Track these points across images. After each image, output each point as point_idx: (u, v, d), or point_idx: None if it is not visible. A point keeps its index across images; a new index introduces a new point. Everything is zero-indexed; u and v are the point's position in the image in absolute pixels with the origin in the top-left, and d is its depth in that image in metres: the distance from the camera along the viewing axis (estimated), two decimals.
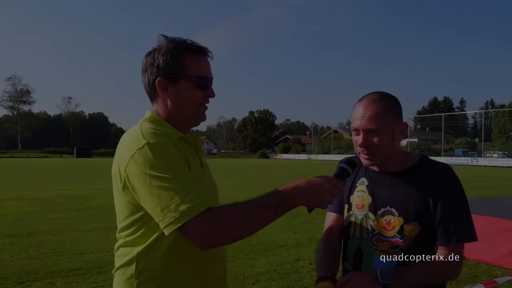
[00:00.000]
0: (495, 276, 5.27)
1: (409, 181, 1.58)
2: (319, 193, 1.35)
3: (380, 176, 1.64)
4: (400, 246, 1.54)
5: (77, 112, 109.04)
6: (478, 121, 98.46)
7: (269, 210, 1.30)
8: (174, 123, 1.46)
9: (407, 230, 1.54)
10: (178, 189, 1.26)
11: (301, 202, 1.34)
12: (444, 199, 1.52)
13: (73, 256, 6.04)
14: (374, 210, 1.60)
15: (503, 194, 13.97)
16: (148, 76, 1.45)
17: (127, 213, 1.39)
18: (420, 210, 1.53)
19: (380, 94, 1.59)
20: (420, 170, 1.59)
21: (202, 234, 1.25)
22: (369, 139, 1.54)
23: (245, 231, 1.30)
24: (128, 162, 1.32)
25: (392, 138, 1.56)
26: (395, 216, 1.56)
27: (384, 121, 1.53)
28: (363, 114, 1.55)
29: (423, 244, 1.53)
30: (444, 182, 1.55)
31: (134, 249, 1.38)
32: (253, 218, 1.30)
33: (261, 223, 1.31)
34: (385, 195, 1.60)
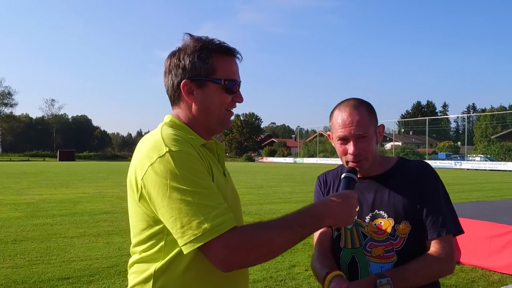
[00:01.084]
0: (492, 281, 5.26)
1: (392, 182, 1.58)
2: (348, 210, 1.30)
3: (362, 181, 1.61)
4: (395, 248, 1.52)
5: (60, 115, 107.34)
6: (461, 125, 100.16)
7: (297, 231, 1.21)
8: (197, 129, 1.35)
9: (399, 230, 1.52)
10: (202, 204, 1.15)
11: (331, 222, 1.29)
12: (428, 194, 1.53)
13: (62, 264, 5.84)
14: (363, 216, 1.58)
15: (488, 198, 14.15)
16: (172, 78, 1.34)
17: (144, 226, 1.27)
18: (408, 208, 1.52)
19: (358, 100, 1.60)
20: (400, 170, 1.60)
21: (225, 256, 1.14)
22: (359, 145, 1.53)
23: (271, 253, 1.21)
24: (147, 170, 1.20)
25: (376, 141, 1.58)
26: (385, 218, 1.54)
27: (370, 124, 1.55)
28: (350, 120, 1.53)
29: (417, 243, 1.52)
30: (425, 177, 1.56)
31: (151, 265, 1.26)
32: (280, 240, 1.20)
33: (288, 245, 1.22)
34: (371, 199, 1.59)
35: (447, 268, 1.50)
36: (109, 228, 8.28)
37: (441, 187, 1.57)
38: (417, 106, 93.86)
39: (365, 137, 1.53)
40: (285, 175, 28.46)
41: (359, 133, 1.52)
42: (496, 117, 73.34)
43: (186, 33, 1.36)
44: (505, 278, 5.32)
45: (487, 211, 7.10)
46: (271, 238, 1.18)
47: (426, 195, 1.53)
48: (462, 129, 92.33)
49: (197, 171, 1.20)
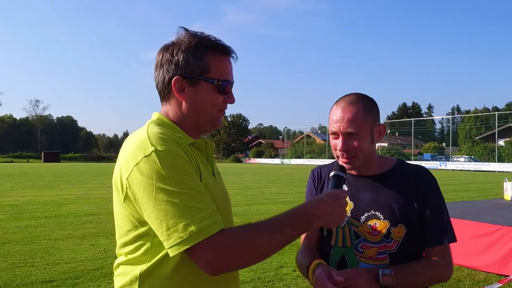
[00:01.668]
0: (478, 280, 5.31)
1: (390, 184, 1.55)
2: (338, 211, 1.28)
3: (360, 180, 1.59)
4: (388, 251, 1.50)
5: (45, 116, 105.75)
6: (445, 126, 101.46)
7: (286, 233, 1.19)
8: (186, 128, 1.31)
9: (394, 233, 1.50)
10: (188, 206, 1.12)
11: (321, 223, 1.26)
12: (431, 201, 1.51)
13: (46, 267, 5.73)
14: (358, 216, 1.55)
15: (473, 198, 14.33)
16: (163, 73, 1.29)
17: (129, 227, 1.23)
18: (405, 211, 1.50)
19: (358, 96, 1.55)
20: (399, 172, 1.57)
21: (212, 259, 1.11)
22: (348, 142, 1.50)
23: (260, 256, 1.18)
24: (132, 170, 1.16)
25: (371, 140, 1.54)
26: (381, 219, 1.51)
27: (363, 123, 1.50)
28: (341, 117, 1.50)
29: (410, 247, 1.50)
30: (426, 183, 1.54)
31: (137, 267, 1.22)
32: (268, 243, 1.17)
33: (277, 248, 1.19)
34: (368, 198, 1.55)
35: (446, 275, 1.51)
36: (94, 230, 8.17)
37: (441, 194, 1.56)
38: (403, 108, 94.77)
39: (356, 135, 1.50)
40: (273, 176, 28.46)
41: (348, 130, 1.49)
42: (480, 118, 74.46)
43: (181, 27, 1.32)
44: (490, 277, 5.37)
45: (472, 211, 7.18)
46: (260, 241, 1.15)
47: (428, 202, 1.51)
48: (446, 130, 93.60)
49: (184, 171, 1.16)
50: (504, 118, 64.42)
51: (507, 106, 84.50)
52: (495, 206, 7.94)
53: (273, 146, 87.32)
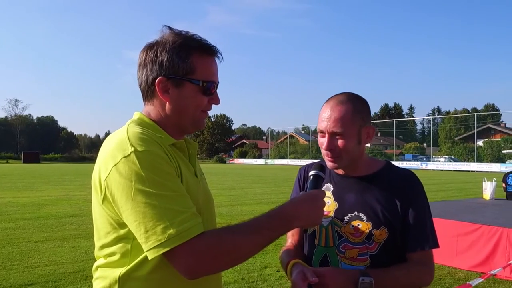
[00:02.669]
0: (458, 278, 5.40)
1: (376, 186, 1.54)
2: (316, 211, 1.27)
3: (346, 180, 1.59)
4: (370, 252, 1.50)
5: (25, 116, 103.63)
6: (426, 127, 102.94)
7: (265, 234, 1.18)
8: (168, 128, 1.29)
9: (376, 235, 1.49)
10: (168, 208, 1.10)
11: (299, 223, 1.26)
12: (415, 206, 1.50)
13: (25, 269, 5.61)
14: (341, 216, 1.54)
15: (453, 197, 14.58)
16: (146, 73, 1.27)
17: (108, 229, 1.21)
18: (388, 214, 1.49)
19: (349, 96, 1.54)
20: (386, 175, 1.56)
21: (191, 263, 1.10)
22: (333, 142, 1.50)
23: (239, 259, 1.17)
24: (111, 171, 1.14)
25: (358, 141, 1.52)
26: (364, 221, 1.51)
27: (350, 124, 1.49)
28: (329, 116, 1.50)
29: (391, 250, 1.50)
30: (412, 188, 1.53)
31: (116, 270, 1.20)
32: (248, 245, 1.16)
33: (256, 249, 1.19)
34: (352, 199, 1.54)
35: (426, 281, 1.51)
36: (75, 232, 8.03)
37: (426, 200, 1.55)
38: (385, 108, 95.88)
39: (341, 135, 1.49)
40: (256, 177, 28.47)
41: (334, 130, 1.49)
42: (459, 119, 75.85)
43: (165, 26, 1.29)
44: (470, 275, 5.47)
45: (452, 210, 7.30)
46: (239, 243, 1.15)
47: (412, 207, 1.50)
48: (427, 131, 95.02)
49: (164, 172, 1.14)
50: (483, 119, 65.80)
51: (485, 107, 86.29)
52: (474, 205, 8.10)
53: (256, 146, 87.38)
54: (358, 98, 1.56)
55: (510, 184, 9.08)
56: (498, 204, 8.18)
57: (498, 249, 5.48)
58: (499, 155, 46.45)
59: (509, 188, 9.09)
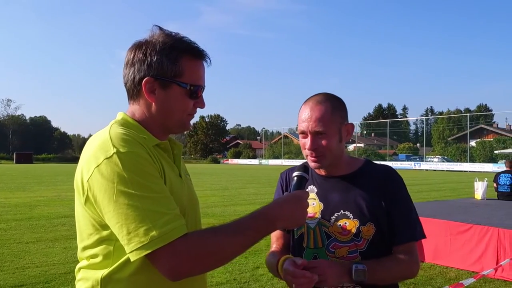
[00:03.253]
0: (449, 278, 5.43)
1: (359, 183, 1.57)
2: (299, 212, 1.27)
3: (329, 180, 1.61)
4: (359, 249, 1.52)
5: (17, 116, 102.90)
6: (419, 127, 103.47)
7: (249, 235, 1.18)
8: (152, 129, 1.28)
9: (363, 232, 1.52)
10: (150, 210, 1.09)
11: (283, 224, 1.26)
12: (398, 199, 1.55)
13: (15, 271, 5.57)
14: (328, 216, 1.56)
15: (446, 197, 14.65)
16: (134, 72, 1.26)
17: (91, 231, 1.20)
18: (374, 210, 1.52)
19: (326, 95, 1.57)
20: (367, 172, 1.59)
21: (174, 265, 1.10)
22: (316, 141, 1.51)
23: (222, 260, 1.17)
24: (93, 172, 1.13)
25: (339, 139, 1.55)
26: (351, 219, 1.53)
27: (331, 122, 1.51)
28: (310, 116, 1.51)
29: (380, 245, 1.53)
30: (393, 182, 1.57)
31: (98, 272, 1.19)
32: (231, 246, 1.16)
33: (240, 251, 1.18)
34: (337, 199, 1.57)
35: (413, 272, 1.55)
36: (67, 233, 7.97)
37: (408, 193, 1.59)
38: (378, 109, 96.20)
39: (323, 134, 1.51)
40: (250, 177, 28.46)
41: (316, 129, 1.50)
42: (452, 119, 76.32)
43: (156, 25, 1.29)
44: (461, 275, 5.50)
45: (444, 210, 7.35)
46: (222, 245, 1.14)
47: (396, 200, 1.54)
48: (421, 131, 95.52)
49: (147, 174, 1.13)
50: (476, 120, 66.26)
51: (478, 108, 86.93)
52: (466, 205, 8.15)
53: (251, 146, 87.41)
54: (334, 97, 1.58)
55: (501, 184, 9.15)
56: (489, 204, 8.25)
57: (489, 249, 5.52)
58: (491, 155, 46.75)
59: (500, 188, 9.17)
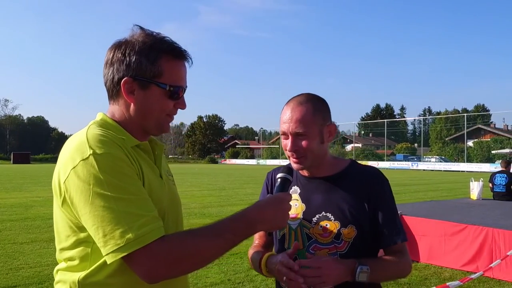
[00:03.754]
0: (444, 278, 5.43)
1: (342, 185, 1.55)
2: (280, 215, 1.26)
3: (312, 181, 1.59)
4: (339, 252, 1.51)
5: (15, 116, 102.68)
6: (417, 127, 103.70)
7: (227, 238, 1.17)
8: (132, 129, 1.27)
9: (344, 234, 1.50)
10: (127, 212, 1.08)
11: (263, 227, 1.25)
12: (383, 202, 1.53)
13: (9, 271, 5.55)
14: (310, 218, 1.55)
15: (442, 197, 14.67)
16: (113, 72, 1.24)
17: (69, 233, 1.19)
18: (355, 213, 1.51)
19: (307, 96, 1.55)
20: (351, 174, 1.57)
21: (150, 268, 1.09)
22: (297, 142, 1.50)
23: (200, 263, 1.16)
24: (69, 174, 1.12)
25: (321, 140, 1.53)
26: (331, 221, 1.52)
27: (312, 123, 1.50)
28: (290, 117, 1.50)
29: (360, 248, 1.51)
30: (378, 185, 1.55)
31: (76, 274, 1.18)
32: (209, 249, 1.15)
33: (219, 253, 1.18)
34: (319, 200, 1.55)
35: (407, 271, 1.57)
36: None
37: (392, 195, 1.58)
38: (376, 109, 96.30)
39: (304, 135, 1.49)
40: (248, 177, 28.43)
41: (297, 130, 1.49)
42: (450, 120, 76.43)
43: (136, 25, 1.27)
44: (456, 274, 5.50)
45: (440, 210, 7.36)
46: (200, 247, 1.13)
47: (381, 203, 1.52)
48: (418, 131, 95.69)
49: (124, 175, 1.12)
50: (473, 120, 66.37)
51: (475, 108, 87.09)
52: (461, 205, 8.15)
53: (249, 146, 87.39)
54: (316, 97, 1.57)
55: (496, 184, 9.16)
56: (485, 204, 8.25)
57: (484, 249, 5.52)
58: (488, 155, 46.85)
59: (496, 188, 9.17)
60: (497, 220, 6.27)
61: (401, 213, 6.38)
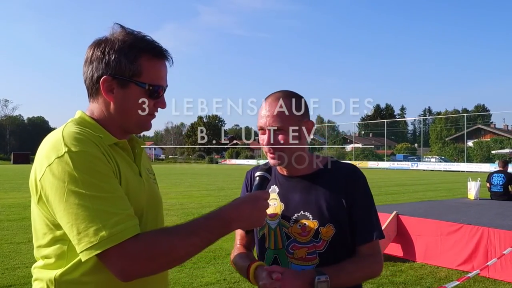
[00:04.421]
0: (439, 278, 5.43)
1: (320, 183, 1.54)
2: (256, 213, 1.26)
3: (290, 180, 1.58)
4: (318, 251, 1.50)
5: (15, 116, 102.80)
6: (417, 128, 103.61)
7: (203, 236, 1.17)
8: (111, 128, 1.27)
9: (322, 232, 1.50)
10: (101, 210, 1.09)
11: (239, 226, 1.26)
12: (359, 200, 1.53)
13: (5, 271, 5.55)
14: (288, 217, 1.54)
15: (441, 197, 14.67)
16: (92, 70, 1.25)
17: (45, 230, 1.20)
18: (334, 211, 1.50)
19: (285, 93, 1.55)
20: (329, 172, 1.57)
21: (124, 266, 1.09)
22: (273, 137, 1.49)
23: (175, 261, 1.16)
24: (44, 172, 1.13)
25: (298, 137, 1.51)
26: (310, 219, 1.51)
27: (289, 119, 1.49)
28: (267, 112, 1.50)
29: (339, 246, 1.50)
30: (355, 181, 1.54)
31: (52, 272, 1.18)
32: (184, 247, 1.15)
33: (193, 252, 1.18)
34: (297, 199, 1.54)
35: (376, 272, 1.55)
36: None
37: (369, 192, 1.57)
38: (376, 109, 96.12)
39: (281, 130, 1.48)
40: None
41: (274, 125, 1.48)
42: (450, 120, 76.44)
43: (117, 23, 1.27)
44: (451, 274, 5.50)
45: (436, 210, 7.36)
46: (174, 246, 1.13)
47: (357, 201, 1.52)
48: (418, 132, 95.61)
49: (99, 173, 1.12)
50: (473, 120, 66.35)
51: (476, 108, 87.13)
52: (458, 205, 8.16)
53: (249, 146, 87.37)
54: (294, 94, 1.55)
55: (494, 184, 9.16)
56: (482, 204, 8.26)
57: (479, 248, 5.52)
58: (488, 155, 46.83)
59: (493, 188, 9.17)
60: (493, 219, 6.28)
61: (397, 212, 6.39)
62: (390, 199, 14.01)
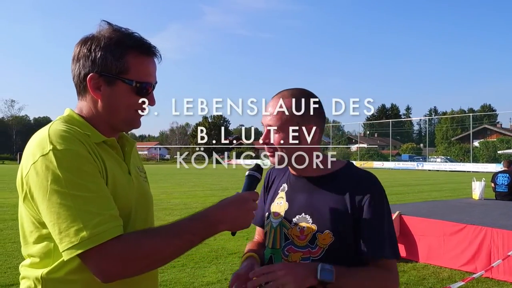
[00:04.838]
0: (442, 278, 5.39)
1: (328, 187, 1.45)
2: (243, 215, 1.23)
3: (299, 181, 1.51)
4: (312, 258, 1.40)
5: (21, 116, 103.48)
6: (423, 128, 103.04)
7: (186, 238, 1.15)
8: (99, 125, 1.26)
9: (319, 239, 1.40)
10: (83, 210, 1.08)
11: (225, 227, 1.22)
12: (370, 210, 1.38)
13: (7, 270, 5.58)
14: (290, 218, 1.47)
15: (446, 197, 14.60)
16: (79, 68, 1.24)
17: (31, 229, 1.19)
18: (335, 218, 1.39)
19: (293, 91, 1.46)
20: (342, 177, 1.45)
21: (104, 267, 1.09)
22: (268, 135, 1.45)
23: (157, 262, 1.16)
24: (29, 169, 1.13)
25: (295, 138, 1.41)
26: (309, 223, 1.42)
27: (286, 119, 1.41)
28: (268, 109, 1.46)
29: (336, 257, 1.37)
30: (367, 192, 1.40)
31: (38, 271, 1.18)
32: (167, 249, 1.14)
33: (177, 253, 1.16)
34: (301, 201, 1.47)
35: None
36: None
37: (384, 204, 1.42)
38: (382, 109, 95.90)
39: (276, 130, 1.43)
40: None
41: (270, 123, 1.43)
42: (456, 120, 75.95)
43: (104, 20, 1.26)
44: (454, 275, 5.46)
45: (440, 210, 7.32)
46: (157, 247, 1.12)
47: (367, 212, 1.38)
48: (424, 132, 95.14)
49: (84, 172, 1.11)
50: (479, 120, 65.98)
51: (482, 108, 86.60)
52: (462, 205, 8.11)
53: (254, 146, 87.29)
54: (304, 94, 1.45)
55: (499, 184, 9.10)
56: (486, 204, 8.20)
57: (483, 249, 5.48)
58: (494, 155, 46.49)
59: (498, 188, 9.11)
60: (496, 220, 6.23)
61: (399, 212, 6.36)
62: (395, 199, 13.94)
